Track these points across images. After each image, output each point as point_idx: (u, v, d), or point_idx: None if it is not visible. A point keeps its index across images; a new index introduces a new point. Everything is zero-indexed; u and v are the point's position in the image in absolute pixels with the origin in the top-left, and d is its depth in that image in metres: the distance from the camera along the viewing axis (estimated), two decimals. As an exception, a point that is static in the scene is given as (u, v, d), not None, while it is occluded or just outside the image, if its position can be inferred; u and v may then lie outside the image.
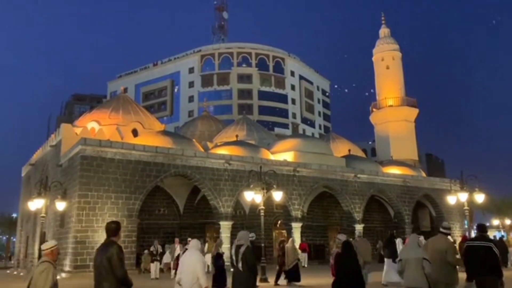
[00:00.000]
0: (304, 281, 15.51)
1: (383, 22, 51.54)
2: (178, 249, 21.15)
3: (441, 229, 7.64)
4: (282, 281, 15.41)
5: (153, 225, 27.30)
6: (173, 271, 19.93)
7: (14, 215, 53.12)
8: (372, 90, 51.14)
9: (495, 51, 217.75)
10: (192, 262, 6.70)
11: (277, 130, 59.42)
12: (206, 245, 23.45)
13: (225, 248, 24.21)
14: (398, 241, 16.75)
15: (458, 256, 7.64)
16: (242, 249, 7.09)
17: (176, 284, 6.77)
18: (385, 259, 15.21)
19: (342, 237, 9.47)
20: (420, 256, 6.67)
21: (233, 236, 24.54)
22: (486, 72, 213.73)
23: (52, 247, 5.71)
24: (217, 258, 13.39)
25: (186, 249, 23.14)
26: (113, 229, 5.33)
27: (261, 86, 65.78)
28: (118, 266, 4.99)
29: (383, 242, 18.23)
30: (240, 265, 7.02)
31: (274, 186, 19.99)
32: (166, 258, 21.94)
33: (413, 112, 47.68)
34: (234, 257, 7.20)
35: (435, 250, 7.15)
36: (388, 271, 14.40)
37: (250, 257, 7.07)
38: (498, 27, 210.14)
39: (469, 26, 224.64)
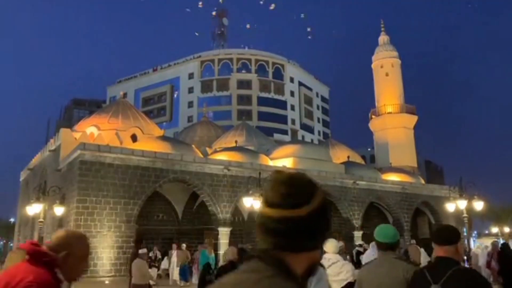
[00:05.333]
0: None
1: (382, 29, 51.76)
2: (175, 255, 21.06)
3: None
4: None
5: (151, 230, 27.19)
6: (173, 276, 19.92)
7: (12, 220, 53.00)
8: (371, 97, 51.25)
9: (494, 58, 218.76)
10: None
11: (276, 136, 59.42)
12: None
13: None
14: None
15: None
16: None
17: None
18: None
19: (497, 243, 13.43)
20: None
21: (232, 241, 24.49)
22: (485, 79, 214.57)
23: None
24: None
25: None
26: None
27: (260, 92, 65.91)
28: None
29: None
30: None
31: (273, 192, 19.94)
32: (164, 264, 21.85)
33: (412, 119, 47.76)
34: None
35: None
36: None
37: None
38: (497, 33, 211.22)
39: (468, 34, 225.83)
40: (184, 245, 21.02)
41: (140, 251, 10.39)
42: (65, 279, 2.05)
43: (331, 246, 5.38)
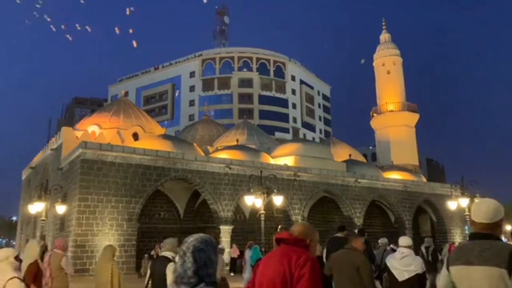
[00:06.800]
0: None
1: (384, 27, 51.66)
2: (177, 253, 21.09)
3: None
4: None
5: (153, 229, 27.23)
6: None
7: (14, 218, 53.23)
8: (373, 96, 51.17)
9: (495, 56, 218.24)
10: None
11: (278, 134, 59.41)
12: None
13: (226, 252, 24.25)
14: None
15: None
16: (431, 250, 10.80)
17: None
18: None
19: None
20: None
21: (233, 240, 24.51)
22: (487, 77, 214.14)
23: None
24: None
25: None
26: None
27: (261, 90, 65.89)
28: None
29: None
30: None
31: (275, 190, 19.96)
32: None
33: (414, 117, 47.68)
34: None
35: None
36: None
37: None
38: (498, 30, 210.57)
39: (469, 32, 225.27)
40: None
41: (219, 246, 11.13)
42: None
43: (404, 241, 6.27)
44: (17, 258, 5.01)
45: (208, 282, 2.14)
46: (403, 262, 6.03)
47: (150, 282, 5.88)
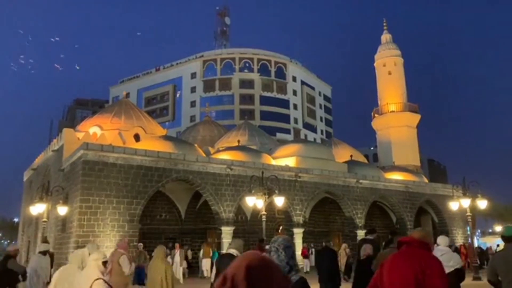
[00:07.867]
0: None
1: (385, 28, 51.64)
2: (178, 254, 21.08)
3: None
4: None
5: (154, 230, 27.24)
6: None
7: (16, 219, 53.34)
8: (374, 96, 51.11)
9: (496, 55, 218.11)
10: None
11: (279, 135, 59.43)
12: (201, 251, 23.52)
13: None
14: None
15: None
16: (452, 249, 10.52)
17: None
18: None
19: None
20: None
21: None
22: (489, 77, 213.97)
23: None
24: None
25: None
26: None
27: (262, 91, 65.93)
28: None
29: None
30: None
31: (276, 191, 19.93)
32: (167, 263, 21.85)
33: (415, 118, 47.64)
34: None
35: None
36: None
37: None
38: (498, 31, 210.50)
39: (469, 32, 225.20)
40: (141, 245, 20.58)
41: (267, 247, 11.60)
42: None
43: (443, 241, 7.16)
44: (105, 263, 5.14)
45: (295, 270, 2.94)
46: (442, 259, 6.60)
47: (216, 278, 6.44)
